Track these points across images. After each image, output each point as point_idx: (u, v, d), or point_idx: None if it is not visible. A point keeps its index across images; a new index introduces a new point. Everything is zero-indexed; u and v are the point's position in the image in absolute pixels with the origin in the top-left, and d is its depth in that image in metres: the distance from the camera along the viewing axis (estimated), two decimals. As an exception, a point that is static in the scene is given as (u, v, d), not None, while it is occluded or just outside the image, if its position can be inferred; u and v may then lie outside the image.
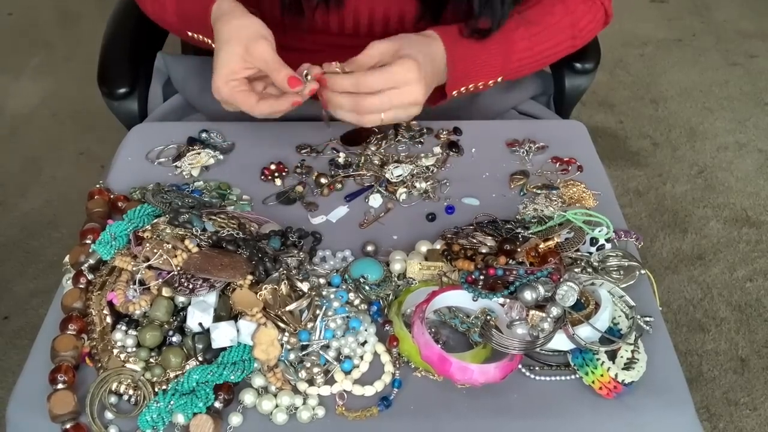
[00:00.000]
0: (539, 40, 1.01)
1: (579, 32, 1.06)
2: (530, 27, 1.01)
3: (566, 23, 1.04)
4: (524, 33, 1.00)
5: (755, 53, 2.72)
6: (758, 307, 1.84)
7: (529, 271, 0.79)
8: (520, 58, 1.01)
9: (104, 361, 0.75)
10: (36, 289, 1.86)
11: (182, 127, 1.08)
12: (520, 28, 1.00)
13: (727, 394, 1.66)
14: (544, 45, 1.02)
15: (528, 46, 1.00)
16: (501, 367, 0.73)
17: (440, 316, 0.80)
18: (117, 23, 1.24)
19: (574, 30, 1.05)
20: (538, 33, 1.01)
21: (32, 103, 2.47)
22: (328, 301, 0.79)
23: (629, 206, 2.09)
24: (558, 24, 1.03)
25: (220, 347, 0.75)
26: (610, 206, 0.94)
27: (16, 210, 2.08)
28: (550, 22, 1.02)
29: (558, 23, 1.03)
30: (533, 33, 1.01)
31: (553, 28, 1.02)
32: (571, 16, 1.04)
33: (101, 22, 1.24)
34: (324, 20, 1.06)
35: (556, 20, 1.02)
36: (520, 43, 1.00)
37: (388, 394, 0.74)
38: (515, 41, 0.99)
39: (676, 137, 2.35)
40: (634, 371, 0.74)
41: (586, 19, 1.06)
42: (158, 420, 0.70)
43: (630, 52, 2.72)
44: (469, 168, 1.01)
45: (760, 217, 2.08)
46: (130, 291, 0.77)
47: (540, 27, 1.01)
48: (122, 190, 0.94)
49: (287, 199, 0.95)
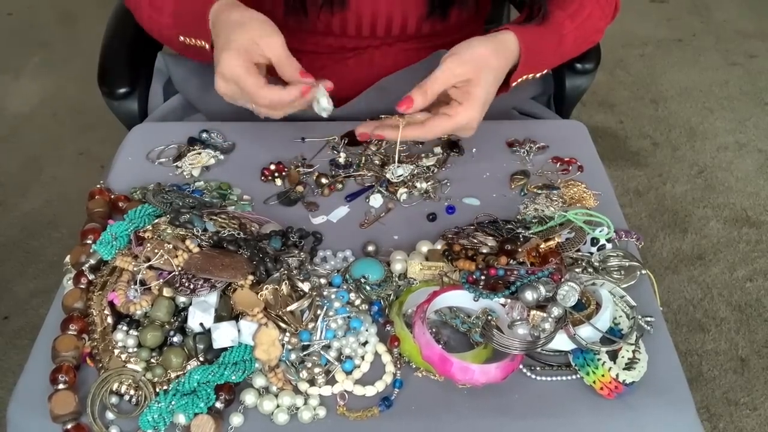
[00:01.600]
0: (582, 31, 1.02)
1: (593, 26, 1.05)
2: (575, 17, 1.01)
3: (598, 14, 1.04)
4: (571, 22, 1.00)
5: (755, 53, 2.72)
6: (758, 307, 1.84)
7: (530, 271, 0.79)
8: (567, 50, 1.02)
9: (105, 361, 0.75)
10: (36, 289, 1.86)
11: (183, 127, 1.08)
12: (567, 20, 1.00)
13: (727, 394, 1.66)
14: (584, 34, 1.03)
15: (574, 37, 1.01)
16: (502, 368, 0.73)
17: (441, 316, 0.80)
18: (117, 23, 1.24)
19: (602, 23, 1.05)
20: (581, 23, 1.01)
21: (32, 103, 2.47)
22: (329, 302, 0.79)
23: (629, 206, 2.09)
24: (592, 13, 1.03)
25: (221, 347, 0.74)
26: (610, 206, 0.94)
27: (16, 210, 2.08)
28: (586, 11, 1.02)
29: (592, 13, 1.03)
30: (578, 23, 1.01)
31: (590, 17, 1.02)
32: (597, 3, 1.03)
33: (101, 22, 1.24)
34: (326, 21, 1.06)
35: (589, 10, 1.02)
36: (569, 35, 1.00)
37: (389, 395, 0.74)
38: (566, 34, 1.00)
39: (676, 137, 2.36)
40: (635, 371, 0.74)
41: (609, 8, 1.06)
42: (159, 420, 0.70)
43: (630, 52, 2.72)
44: (470, 168, 1.01)
45: (760, 217, 2.08)
46: (131, 291, 0.77)
47: (581, 16, 1.01)
48: (123, 190, 0.94)
49: (288, 199, 0.95)
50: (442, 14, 1.04)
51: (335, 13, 1.04)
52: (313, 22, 1.05)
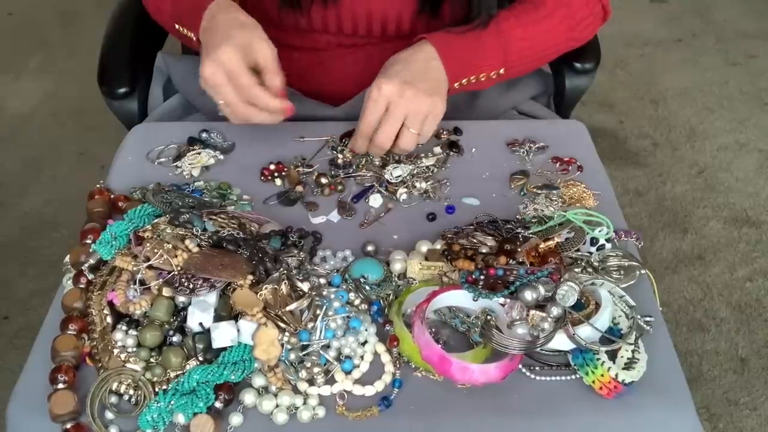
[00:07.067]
0: (535, 32, 1.02)
1: (577, 25, 1.06)
2: (521, 16, 1.02)
3: (561, 15, 1.04)
4: (516, 22, 1.01)
5: (755, 53, 2.72)
6: (758, 307, 1.84)
7: (530, 271, 0.79)
8: (520, 49, 1.01)
9: (105, 360, 0.75)
10: (36, 289, 1.86)
11: (182, 127, 1.08)
12: (510, 18, 1.01)
13: (727, 394, 1.66)
14: (541, 36, 1.03)
15: (524, 36, 1.01)
16: (501, 367, 0.73)
17: (440, 316, 0.80)
18: (117, 23, 1.24)
19: (571, 22, 1.05)
20: (530, 23, 1.02)
21: (32, 103, 2.47)
22: (328, 301, 0.79)
23: (629, 206, 2.09)
24: (552, 14, 1.03)
25: (221, 347, 0.75)
26: (610, 206, 0.94)
27: (16, 210, 2.08)
28: (542, 13, 1.03)
29: (551, 14, 1.03)
30: (525, 22, 1.01)
31: (547, 18, 1.03)
32: (566, 8, 1.04)
33: (101, 22, 1.24)
34: (322, 18, 1.06)
35: (548, 11, 1.03)
36: (515, 32, 1.01)
37: (389, 394, 0.74)
38: (508, 30, 1.00)
39: (676, 137, 2.35)
40: (634, 371, 0.74)
41: (582, 12, 1.06)
42: (159, 420, 0.70)
43: (630, 52, 2.72)
44: (470, 168, 1.01)
45: (760, 217, 2.08)
46: (131, 291, 0.77)
47: (531, 17, 1.02)
48: (122, 190, 0.94)
49: (288, 199, 0.95)
50: (432, 11, 1.04)
51: (329, 8, 1.04)
52: (307, 20, 1.06)
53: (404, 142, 0.95)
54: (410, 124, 0.93)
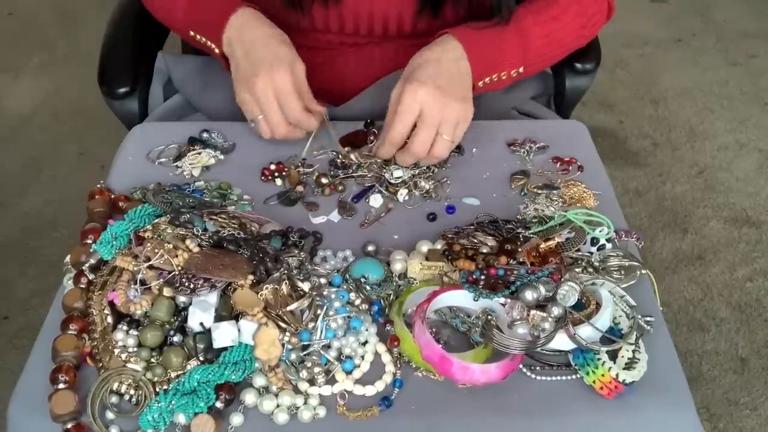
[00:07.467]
0: (551, 29, 1.02)
1: (587, 21, 1.06)
2: (538, 14, 1.01)
3: (574, 11, 1.04)
4: (533, 19, 1.00)
5: (755, 53, 2.72)
6: (758, 307, 1.84)
7: (530, 271, 0.79)
8: (538, 47, 1.01)
9: (105, 360, 0.75)
10: (36, 289, 1.86)
11: (183, 127, 1.08)
12: (528, 16, 1.01)
13: (727, 394, 1.66)
14: (556, 33, 1.03)
15: (541, 33, 1.01)
16: (502, 367, 0.73)
17: (441, 315, 0.80)
18: (117, 23, 1.24)
19: (583, 19, 1.05)
20: (547, 20, 1.01)
21: (32, 103, 2.46)
22: (329, 301, 0.79)
23: (629, 206, 2.09)
24: (566, 11, 1.03)
25: (221, 347, 0.75)
26: (610, 206, 0.94)
27: (16, 210, 2.08)
28: (557, 11, 1.02)
29: (565, 10, 1.03)
30: (543, 20, 1.01)
31: (562, 15, 1.03)
32: (577, 5, 1.04)
33: (101, 22, 1.24)
34: (324, 18, 1.06)
35: (562, 8, 1.03)
36: (533, 30, 1.00)
37: (389, 394, 0.74)
38: (528, 28, 1.00)
39: (676, 137, 2.35)
40: (635, 371, 0.74)
41: (593, 8, 1.06)
42: (159, 420, 0.70)
43: (630, 52, 2.72)
44: (470, 168, 1.01)
45: (760, 217, 2.08)
46: (131, 291, 0.77)
47: (547, 14, 1.02)
48: (123, 190, 0.94)
49: (288, 199, 0.95)
50: (433, 10, 1.04)
51: (330, 8, 1.04)
52: (310, 20, 1.06)
53: (438, 149, 0.94)
54: (444, 131, 0.93)
